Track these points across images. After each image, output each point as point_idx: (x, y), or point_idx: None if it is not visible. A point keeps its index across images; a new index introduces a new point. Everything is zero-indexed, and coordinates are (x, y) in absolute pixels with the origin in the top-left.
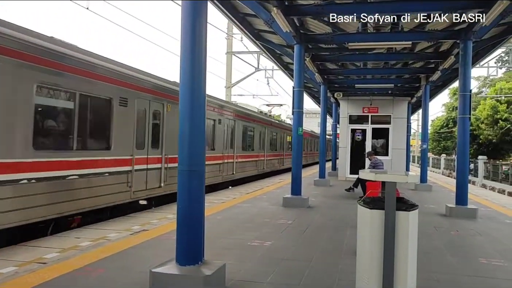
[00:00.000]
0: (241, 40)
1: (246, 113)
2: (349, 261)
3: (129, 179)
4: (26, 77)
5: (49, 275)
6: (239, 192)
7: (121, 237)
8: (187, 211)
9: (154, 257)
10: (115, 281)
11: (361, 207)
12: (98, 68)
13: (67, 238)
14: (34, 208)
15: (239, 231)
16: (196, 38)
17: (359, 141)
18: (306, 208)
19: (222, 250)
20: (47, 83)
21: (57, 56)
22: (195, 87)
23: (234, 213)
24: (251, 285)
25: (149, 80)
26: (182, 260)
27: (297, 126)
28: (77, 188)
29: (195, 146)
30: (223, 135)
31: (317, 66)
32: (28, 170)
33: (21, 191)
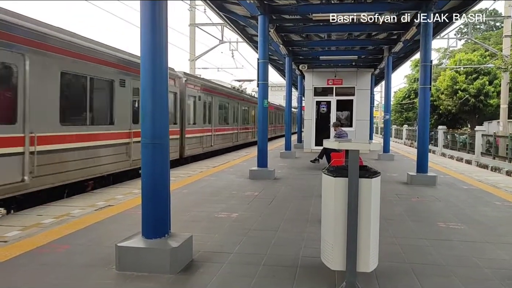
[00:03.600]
0: (204, 11)
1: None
2: (314, 229)
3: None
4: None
5: (10, 253)
6: (205, 166)
7: (85, 213)
8: (151, 184)
9: (120, 231)
10: (81, 256)
11: (325, 175)
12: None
13: (29, 216)
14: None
15: (206, 204)
16: (156, 9)
17: (324, 113)
18: (272, 180)
19: (189, 223)
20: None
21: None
22: (156, 60)
23: (201, 186)
24: (219, 256)
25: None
26: (148, 233)
27: (263, 98)
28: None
29: (158, 119)
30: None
31: (281, 38)
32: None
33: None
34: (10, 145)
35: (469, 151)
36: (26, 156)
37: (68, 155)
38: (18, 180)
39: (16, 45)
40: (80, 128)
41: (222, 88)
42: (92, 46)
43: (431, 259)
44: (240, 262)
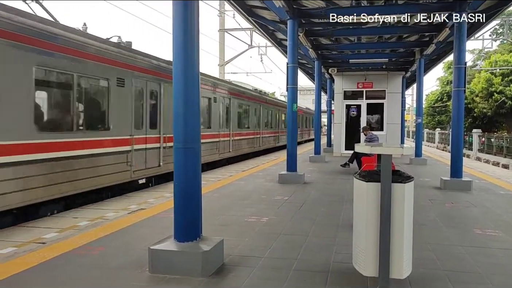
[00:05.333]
0: (233, 17)
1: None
2: (345, 234)
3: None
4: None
5: (49, 255)
6: (235, 170)
7: (119, 216)
8: (183, 187)
9: (152, 234)
10: (115, 258)
11: (357, 180)
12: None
13: (65, 218)
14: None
15: (236, 208)
16: (188, 16)
17: (354, 117)
18: (302, 184)
19: (219, 227)
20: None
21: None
22: (189, 65)
23: (231, 190)
24: (249, 260)
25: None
26: (180, 237)
27: (292, 102)
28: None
29: (190, 123)
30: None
31: (310, 42)
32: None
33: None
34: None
35: (506, 155)
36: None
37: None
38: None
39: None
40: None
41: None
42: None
43: (467, 266)
44: (271, 266)
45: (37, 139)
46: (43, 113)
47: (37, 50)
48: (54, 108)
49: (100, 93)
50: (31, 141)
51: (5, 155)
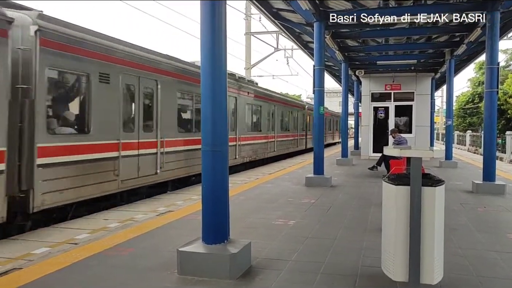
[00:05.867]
0: (259, 20)
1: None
2: (374, 238)
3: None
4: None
5: (81, 255)
6: (261, 172)
7: (147, 218)
8: (211, 190)
9: (180, 236)
10: (144, 259)
11: (386, 183)
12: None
13: (96, 220)
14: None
15: (263, 211)
16: (216, 20)
17: (382, 119)
18: (329, 187)
19: (246, 229)
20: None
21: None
22: (216, 69)
23: (257, 193)
24: (277, 263)
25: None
26: (208, 239)
27: (319, 105)
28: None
29: (218, 126)
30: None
31: (337, 44)
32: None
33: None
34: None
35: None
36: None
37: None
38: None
39: None
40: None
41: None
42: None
43: (501, 272)
44: (298, 269)
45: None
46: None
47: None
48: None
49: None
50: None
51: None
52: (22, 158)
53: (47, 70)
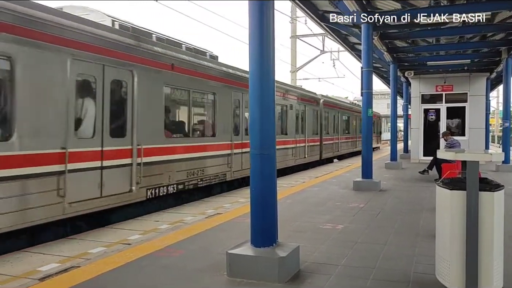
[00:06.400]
0: (305, 23)
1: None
2: (426, 244)
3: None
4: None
5: (134, 255)
6: (307, 176)
7: (196, 220)
8: (260, 193)
9: (229, 239)
10: (194, 261)
11: (440, 188)
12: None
13: (148, 221)
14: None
15: (310, 215)
16: (264, 26)
17: (433, 122)
18: (377, 192)
19: (294, 233)
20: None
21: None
22: (264, 73)
23: (304, 197)
24: (326, 267)
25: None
26: (257, 242)
27: (367, 107)
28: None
29: (265, 130)
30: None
31: (385, 45)
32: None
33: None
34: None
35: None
36: None
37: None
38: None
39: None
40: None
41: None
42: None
43: None
44: (348, 275)
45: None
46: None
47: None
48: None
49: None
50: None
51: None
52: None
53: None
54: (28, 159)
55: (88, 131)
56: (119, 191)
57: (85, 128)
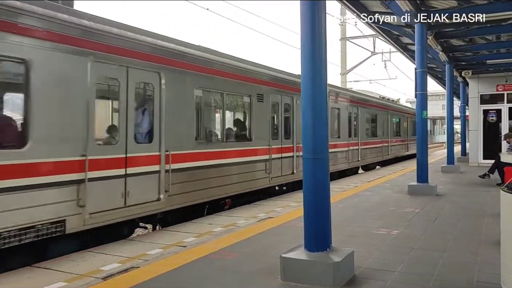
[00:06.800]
0: (355, 24)
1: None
2: (489, 252)
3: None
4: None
5: (189, 257)
6: (359, 180)
7: (248, 224)
8: (313, 198)
9: (281, 243)
10: (248, 264)
11: (504, 193)
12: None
13: (202, 224)
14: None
15: (363, 219)
16: (316, 30)
17: (493, 123)
18: (434, 196)
19: (347, 238)
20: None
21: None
22: (316, 78)
23: (357, 201)
24: (381, 274)
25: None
26: (311, 246)
27: (421, 109)
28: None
29: (318, 134)
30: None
31: (441, 44)
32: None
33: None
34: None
35: None
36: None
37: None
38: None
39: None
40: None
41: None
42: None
43: None
44: (405, 281)
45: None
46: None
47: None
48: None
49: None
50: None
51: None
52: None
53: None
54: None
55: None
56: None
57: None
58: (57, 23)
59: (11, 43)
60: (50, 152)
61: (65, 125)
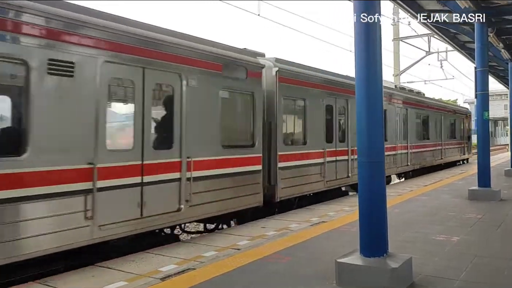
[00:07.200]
0: (408, 24)
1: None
2: None
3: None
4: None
5: (244, 260)
6: (415, 184)
7: (301, 228)
8: (368, 202)
9: (335, 247)
10: (302, 268)
11: None
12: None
13: (255, 228)
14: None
15: (421, 225)
16: (370, 33)
17: None
18: (497, 201)
19: (404, 243)
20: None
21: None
22: (370, 80)
23: (413, 206)
24: (442, 282)
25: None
26: (367, 252)
27: (482, 110)
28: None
29: (374, 137)
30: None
31: (503, 41)
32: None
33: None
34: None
35: None
36: None
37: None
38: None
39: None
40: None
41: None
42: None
43: None
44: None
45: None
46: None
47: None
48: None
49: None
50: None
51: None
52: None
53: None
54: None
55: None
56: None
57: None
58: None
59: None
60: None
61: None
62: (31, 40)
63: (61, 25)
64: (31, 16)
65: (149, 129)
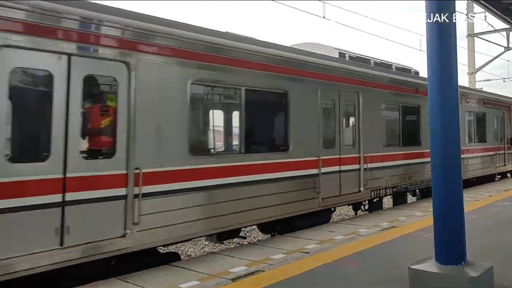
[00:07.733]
0: (484, 19)
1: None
2: None
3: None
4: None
5: (312, 264)
6: (495, 189)
7: (371, 232)
8: (444, 207)
9: (407, 253)
10: (372, 274)
11: None
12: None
13: (323, 232)
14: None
15: (501, 232)
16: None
17: None
18: None
19: (482, 251)
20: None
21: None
22: (444, 78)
23: (493, 211)
24: None
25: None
26: (443, 259)
27: None
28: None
29: (447, 139)
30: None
31: None
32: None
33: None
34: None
35: None
36: None
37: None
38: None
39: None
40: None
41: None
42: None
43: None
44: None
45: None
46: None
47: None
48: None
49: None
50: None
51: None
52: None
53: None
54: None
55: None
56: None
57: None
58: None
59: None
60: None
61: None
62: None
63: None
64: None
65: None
